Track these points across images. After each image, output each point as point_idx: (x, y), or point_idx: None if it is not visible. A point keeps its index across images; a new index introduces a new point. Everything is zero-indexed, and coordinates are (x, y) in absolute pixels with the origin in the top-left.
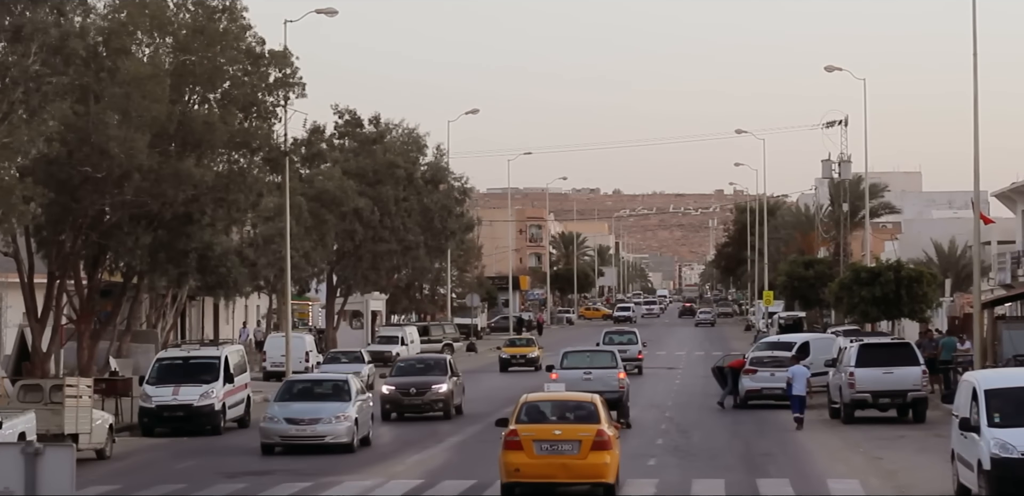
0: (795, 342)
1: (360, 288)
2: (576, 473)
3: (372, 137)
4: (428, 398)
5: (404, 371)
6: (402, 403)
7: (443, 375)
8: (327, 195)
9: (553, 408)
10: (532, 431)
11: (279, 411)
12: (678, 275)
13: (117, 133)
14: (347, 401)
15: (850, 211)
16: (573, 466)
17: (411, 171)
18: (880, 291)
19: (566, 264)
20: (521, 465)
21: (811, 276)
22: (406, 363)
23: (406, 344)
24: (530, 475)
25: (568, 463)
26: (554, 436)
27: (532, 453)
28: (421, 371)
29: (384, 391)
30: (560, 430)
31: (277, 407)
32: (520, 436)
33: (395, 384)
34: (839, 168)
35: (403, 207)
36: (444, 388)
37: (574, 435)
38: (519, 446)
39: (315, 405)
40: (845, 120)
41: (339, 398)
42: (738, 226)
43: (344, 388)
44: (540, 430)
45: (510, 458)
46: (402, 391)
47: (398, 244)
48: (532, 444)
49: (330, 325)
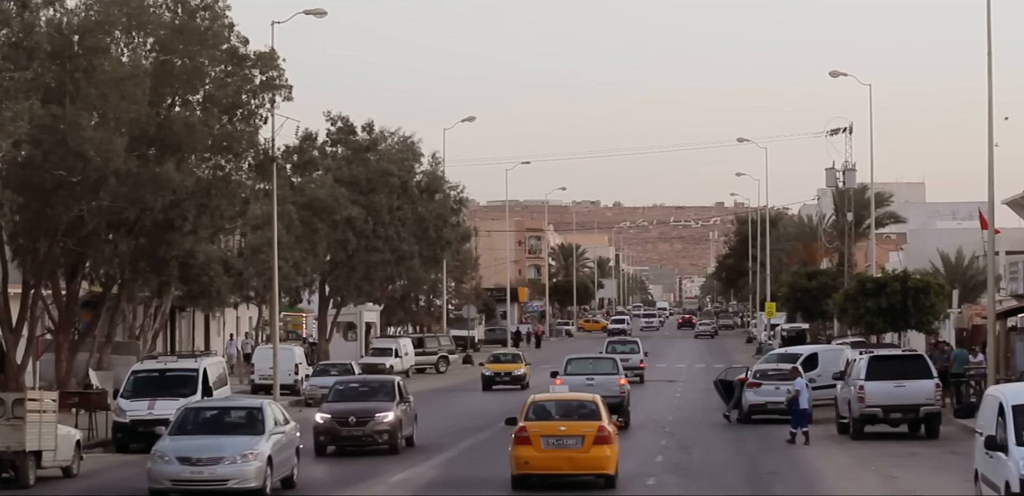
0: (802, 354)
1: (353, 299)
2: (580, 465)
3: (365, 144)
4: (371, 428)
5: (343, 396)
6: (339, 434)
7: (389, 400)
8: (318, 203)
9: (558, 407)
10: (539, 427)
11: (171, 447)
12: (678, 288)
13: (93, 135)
14: (259, 434)
15: (855, 221)
16: (577, 459)
17: (405, 179)
18: (886, 302)
19: (565, 276)
20: (530, 458)
21: (814, 287)
22: (345, 386)
23: (400, 356)
24: (538, 467)
25: (573, 456)
26: (559, 432)
27: (540, 447)
28: (363, 396)
29: (318, 420)
30: (565, 426)
31: (169, 442)
32: (529, 432)
33: (331, 412)
34: (843, 176)
35: (397, 216)
36: (390, 416)
37: (578, 431)
38: (528, 441)
39: (218, 440)
40: (850, 128)
41: (250, 430)
42: (739, 237)
43: (257, 417)
44: (547, 426)
45: (520, 452)
46: (339, 420)
47: (392, 254)
48: (540, 439)
49: (322, 337)
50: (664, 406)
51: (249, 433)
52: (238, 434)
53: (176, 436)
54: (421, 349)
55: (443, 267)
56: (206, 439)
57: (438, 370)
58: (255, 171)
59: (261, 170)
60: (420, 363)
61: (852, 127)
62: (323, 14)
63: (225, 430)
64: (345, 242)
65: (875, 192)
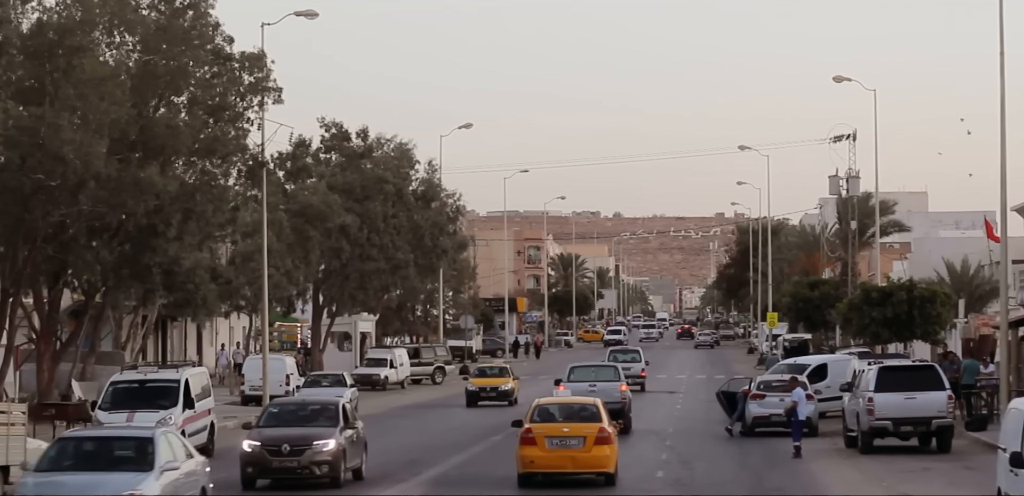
0: (810, 364)
1: (347, 308)
2: (582, 464)
3: (359, 151)
4: (308, 459)
5: (278, 419)
6: (270, 465)
7: (331, 426)
8: (311, 210)
9: (561, 410)
10: (544, 429)
11: (34, 489)
12: (679, 298)
13: (73, 137)
14: (147, 471)
15: (858, 229)
16: (579, 458)
17: (400, 186)
18: (892, 312)
19: (565, 286)
20: (535, 457)
21: (816, 297)
22: (281, 408)
23: (395, 367)
24: (543, 466)
25: (575, 455)
26: (563, 433)
27: (544, 447)
28: (302, 420)
29: (245, 448)
30: (568, 428)
31: (32, 482)
32: (534, 433)
33: (261, 439)
34: (847, 184)
35: (392, 224)
36: (331, 445)
37: (580, 432)
38: (533, 441)
39: (92, 478)
40: (853, 134)
41: (136, 466)
42: (740, 247)
43: (146, 450)
44: (550, 428)
45: (525, 452)
46: (270, 448)
47: (386, 262)
48: (544, 440)
49: (316, 347)
50: (665, 418)
51: (134, 469)
52: (120, 471)
53: (43, 473)
54: (417, 360)
55: (439, 276)
56: (78, 477)
57: (434, 381)
58: (245, 177)
59: (251, 176)
60: (416, 374)
61: (856, 134)
62: (314, 15)
63: (105, 466)
64: (339, 250)
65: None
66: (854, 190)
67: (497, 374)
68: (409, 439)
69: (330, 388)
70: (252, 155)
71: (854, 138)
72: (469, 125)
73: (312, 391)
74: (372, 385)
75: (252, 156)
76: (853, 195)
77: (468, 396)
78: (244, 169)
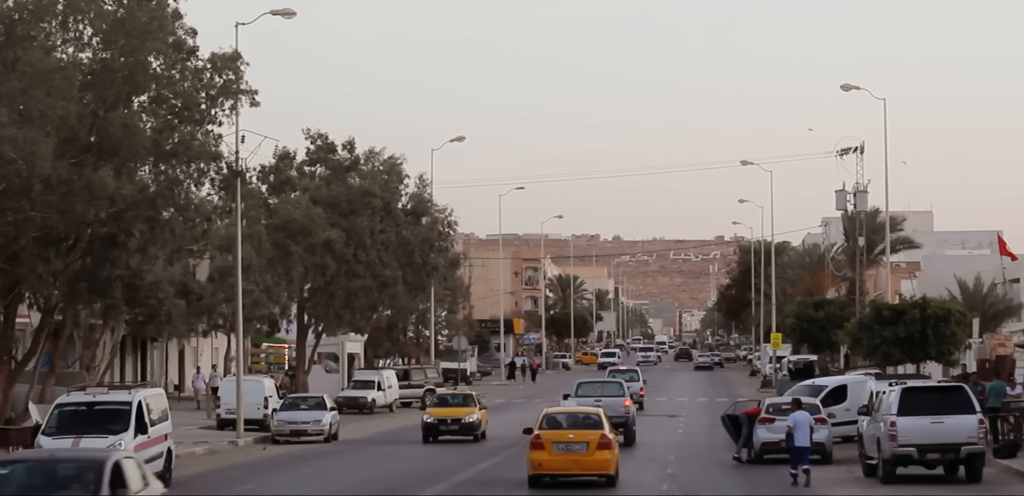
0: (827, 385)
1: (333, 328)
2: (586, 466)
3: (346, 164)
4: None
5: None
6: None
7: None
8: (293, 224)
9: (567, 418)
10: (551, 435)
11: None
12: (678, 321)
13: (15, 135)
14: None
15: (866, 246)
16: (583, 461)
17: (388, 201)
18: (904, 331)
19: (563, 308)
20: (543, 461)
21: (821, 318)
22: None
23: (383, 389)
24: (550, 468)
25: (579, 459)
26: (568, 438)
27: (552, 451)
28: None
29: None
30: (573, 434)
31: None
32: (542, 439)
33: None
34: (855, 199)
35: (379, 240)
36: None
37: (584, 438)
38: (542, 446)
39: None
40: (861, 147)
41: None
42: (742, 267)
43: (86, 479)
44: (557, 434)
45: (535, 456)
46: None
47: (373, 280)
48: (552, 444)
49: (301, 368)
50: (666, 443)
51: None
52: None
53: None
54: (407, 382)
55: (431, 295)
56: None
57: (424, 404)
58: (219, 187)
59: (226, 186)
60: (405, 396)
61: (863, 147)
62: (292, 15)
63: None
64: (323, 267)
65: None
66: (862, 205)
67: (460, 403)
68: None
69: (309, 411)
70: (228, 163)
71: (862, 151)
72: (461, 138)
73: (289, 415)
74: (359, 408)
75: (228, 164)
76: (861, 210)
77: (425, 429)
78: (219, 178)
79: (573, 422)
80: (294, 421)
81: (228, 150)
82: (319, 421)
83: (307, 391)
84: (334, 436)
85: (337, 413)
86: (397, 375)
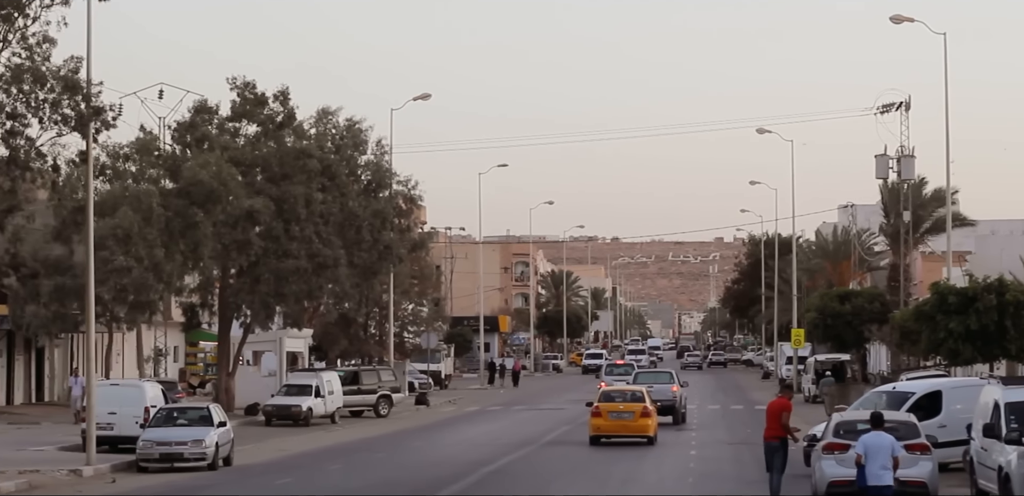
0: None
1: (260, 320)
2: (632, 429)
3: (278, 119)
4: None
5: None
6: None
7: None
8: (200, 188)
9: (619, 394)
10: (607, 406)
11: None
12: (677, 323)
13: None
14: None
15: (912, 223)
16: (631, 425)
17: (329, 163)
18: (976, 322)
19: (556, 306)
20: (601, 425)
21: (847, 312)
22: None
23: (323, 395)
24: (606, 430)
25: (628, 424)
26: (619, 409)
27: (607, 418)
28: None
29: None
30: (623, 406)
31: None
32: (600, 409)
33: None
34: (898, 165)
35: (317, 211)
36: None
37: (631, 408)
38: (600, 414)
39: None
40: (906, 102)
41: None
42: (751, 260)
43: None
44: (611, 406)
45: (595, 422)
46: None
47: (309, 261)
48: (607, 413)
49: (223, 371)
50: (676, 475)
51: None
52: None
53: None
54: (356, 386)
55: (390, 283)
56: None
57: (378, 413)
58: (71, 127)
59: (80, 126)
60: (354, 404)
61: (909, 102)
62: None
63: None
64: (246, 244)
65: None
66: (907, 173)
67: None
68: None
69: (187, 428)
70: (85, 96)
71: (907, 107)
72: (427, 96)
73: (160, 433)
74: (292, 419)
75: (85, 97)
76: (907, 180)
77: None
78: (73, 116)
79: (623, 397)
80: (166, 441)
81: None
82: (200, 441)
83: (231, 397)
84: (226, 461)
85: (230, 430)
86: (345, 378)
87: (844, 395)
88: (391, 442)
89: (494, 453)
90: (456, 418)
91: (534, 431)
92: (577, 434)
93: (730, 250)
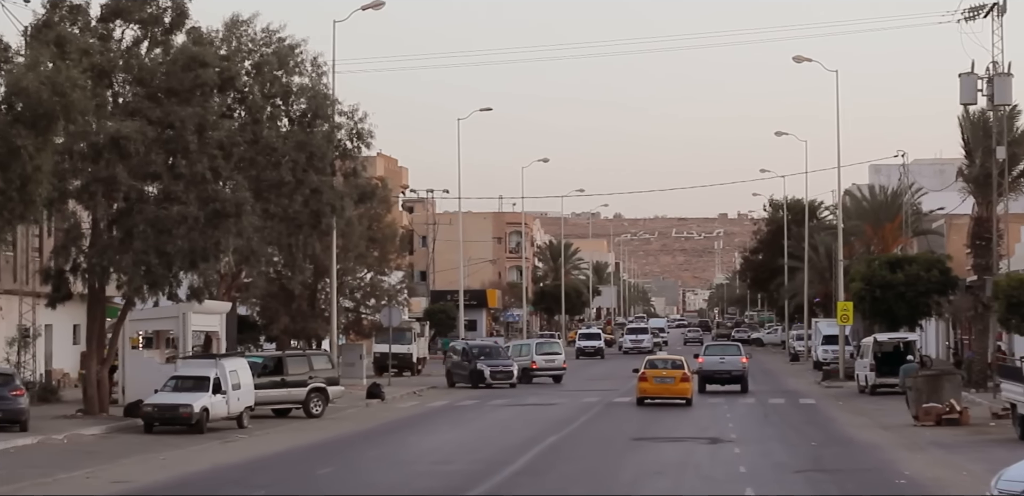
0: None
1: (135, 289)
2: (673, 392)
3: (166, 20)
4: None
5: None
6: None
7: None
8: (27, 102)
9: (662, 361)
10: (651, 372)
11: None
12: (682, 300)
13: None
14: None
15: (1008, 160)
16: (672, 389)
17: (230, 75)
18: None
19: (554, 280)
20: (646, 388)
21: (900, 282)
22: None
23: (224, 391)
24: (651, 393)
25: (669, 387)
26: (662, 374)
27: (652, 383)
28: None
29: None
30: (665, 372)
31: None
32: (646, 375)
33: None
34: (989, 86)
35: (215, 141)
36: None
37: (672, 374)
38: (646, 379)
39: None
40: (1001, 6)
41: None
42: (772, 227)
43: None
44: (656, 372)
45: (641, 385)
46: None
47: (202, 207)
48: (652, 378)
49: (95, 355)
50: None
51: None
52: None
53: None
54: (278, 377)
55: (332, 243)
56: None
57: (309, 412)
58: None
59: None
60: (275, 401)
61: (1005, 4)
62: None
63: None
64: (111, 182)
65: None
66: (1002, 97)
67: None
68: None
69: None
70: None
71: (1001, 12)
72: (379, 5)
73: None
74: (181, 424)
75: None
76: (1002, 105)
77: None
78: None
79: (665, 364)
80: None
81: None
82: None
83: (105, 393)
84: None
85: None
86: (265, 368)
87: (935, 389)
88: (305, 460)
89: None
90: (414, 418)
91: (512, 443)
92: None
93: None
